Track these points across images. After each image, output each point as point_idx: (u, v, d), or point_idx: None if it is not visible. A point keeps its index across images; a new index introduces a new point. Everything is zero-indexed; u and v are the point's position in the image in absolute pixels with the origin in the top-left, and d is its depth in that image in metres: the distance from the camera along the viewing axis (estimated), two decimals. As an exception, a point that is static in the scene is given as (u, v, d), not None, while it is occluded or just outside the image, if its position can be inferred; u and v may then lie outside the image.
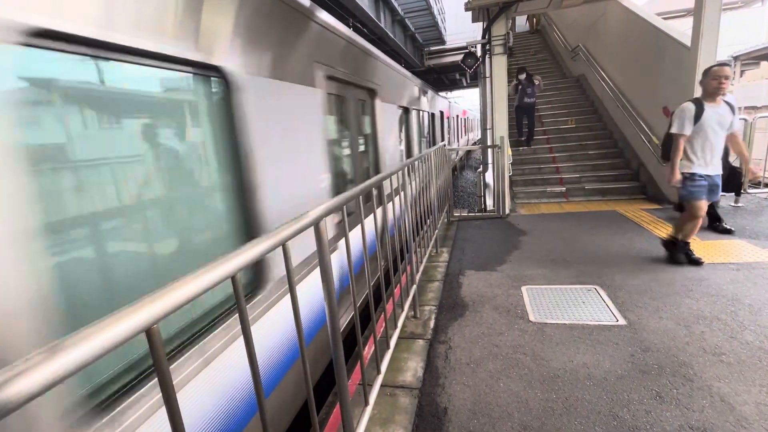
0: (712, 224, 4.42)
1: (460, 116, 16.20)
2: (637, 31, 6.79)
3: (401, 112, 5.35)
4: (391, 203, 2.52)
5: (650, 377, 2.09)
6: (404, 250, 2.79)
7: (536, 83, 7.78)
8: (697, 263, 3.48)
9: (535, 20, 14.91)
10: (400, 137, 5.39)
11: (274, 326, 1.93)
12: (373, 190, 1.93)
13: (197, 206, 1.67)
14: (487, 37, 5.84)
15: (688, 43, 5.26)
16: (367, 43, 3.77)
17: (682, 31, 5.67)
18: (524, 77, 7.65)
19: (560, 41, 11.81)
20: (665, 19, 6.76)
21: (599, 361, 2.27)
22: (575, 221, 5.23)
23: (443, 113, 10.33)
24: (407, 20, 10.57)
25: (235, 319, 1.64)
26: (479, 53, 6.54)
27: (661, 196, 6.00)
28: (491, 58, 5.81)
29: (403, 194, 2.68)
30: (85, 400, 1.09)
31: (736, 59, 18.96)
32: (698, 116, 3.22)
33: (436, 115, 8.98)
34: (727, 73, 3.21)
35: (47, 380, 0.48)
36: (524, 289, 3.29)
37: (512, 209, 6.12)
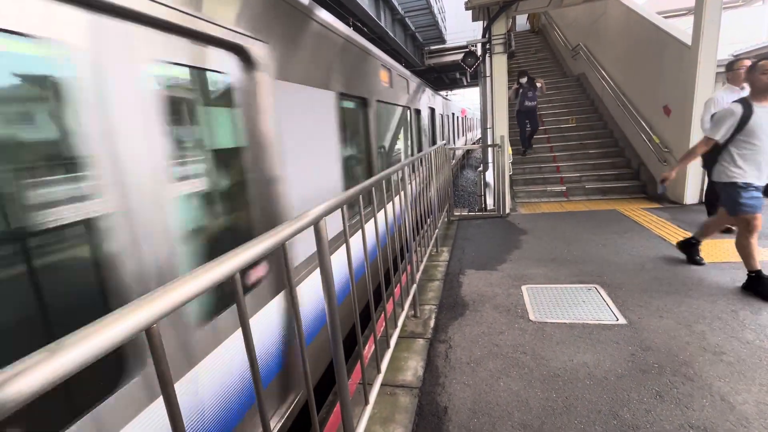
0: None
1: (458, 116, 14.83)
2: (637, 29, 6.78)
3: (336, 101, 2.83)
4: (391, 203, 2.52)
5: (650, 376, 2.09)
6: (404, 249, 2.79)
7: (539, 86, 7.49)
8: (699, 263, 3.48)
9: (535, 20, 14.82)
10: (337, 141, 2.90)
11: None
12: (373, 189, 1.93)
13: None
14: (487, 36, 5.84)
15: (688, 41, 5.26)
16: None
17: (682, 29, 5.67)
18: (525, 81, 7.38)
19: (560, 40, 11.79)
20: (666, 17, 6.74)
21: (599, 360, 2.27)
22: (576, 220, 5.22)
23: (434, 110, 8.30)
24: (407, 19, 10.58)
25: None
26: (479, 52, 6.53)
27: (661, 195, 6.00)
28: (491, 57, 5.81)
29: (403, 193, 2.68)
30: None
31: (736, 58, 18.95)
32: (746, 119, 2.83)
33: (423, 112, 7.13)
34: None
35: (47, 380, 0.48)
36: (524, 288, 3.29)
37: (513, 208, 6.12)
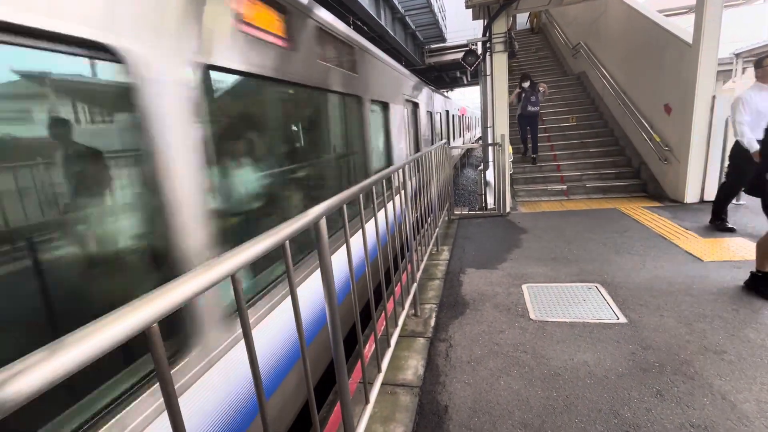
0: (714, 222, 4.41)
1: (457, 115, 14.03)
2: (638, 28, 6.76)
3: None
4: (391, 202, 2.52)
5: (651, 375, 2.09)
6: (405, 248, 2.79)
7: (541, 90, 7.14)
8: None
9: (536, 20, 14.74)
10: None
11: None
12: (373, 188, 1.92)
13: None
14: (487, 34, 5.82)
15: (689, 40, 5.24)
16: None
17: (683, 28, 5.65)
18: (528, 85, 7.10)
19: (561, 39, 11.77)
20: (666, 15, 6.72)
21: (600, 359, 2.27)
22: (576, 219, 5.22)
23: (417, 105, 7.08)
24: (407, 18, 10.56)
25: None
26: (480, 51, 6.51)
27: (662, 193, 6.00)
28: (492, 55, 5.79)
29: (403, 192, 2.68)
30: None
31: (737, 56, 18.89)
32: None
33: (420, 111, 6.45)
34: None
35: (47, 379, 0.48)
36: (525, 287, 3.29)
37: (513, 207, 6.12)
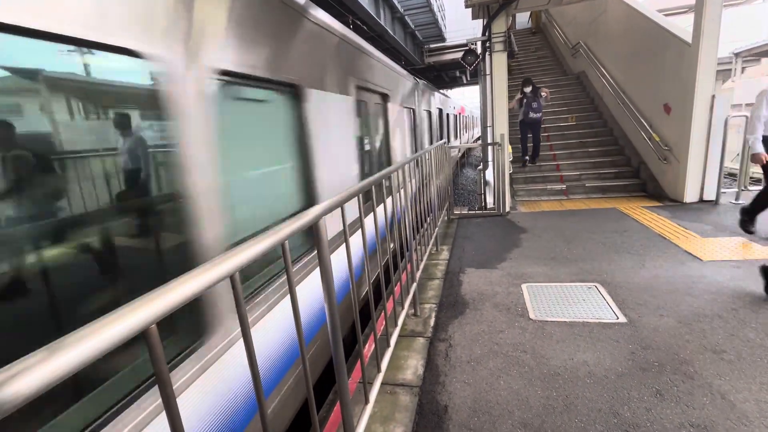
0: (745, 220, 4.00)
1: (458, 114, 13.13)
2: (637, 27, 6.76)
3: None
4: (390, 200, 2.52)
5: (651, 375, 2.09)
6: (404, 247, 2.78)
7: (543, 96, 6.93)
8: None
9: (538, 20, 14.72)
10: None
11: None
12: (373, 188, 1.92)
13: None
14: (487, 34, 5.82)
15: (689, 39, 5.24)
16: None
17: (683, 27, 5.65)
18: (530, 90, 6.89)
19: (561, 38, 11.77)
20: (666, 15, 6.72)
21: (600, 358, 2.27)
22: (576, 219, 5.22)
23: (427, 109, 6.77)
24: (407, 17, 10.54)
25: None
26: (479, 50, 6.51)
27: (661, 193, 6.00)
28: (491, 55, 5.79)
29: (403, 192, 2.68)
30: None
31: (737, 56, 18.91)
32: None
33: (418, 112, 5.80)
34: None
35: (45, 380, 0.48)
36: (524, 286, 3.29)
37: (512, 207, 6.12)
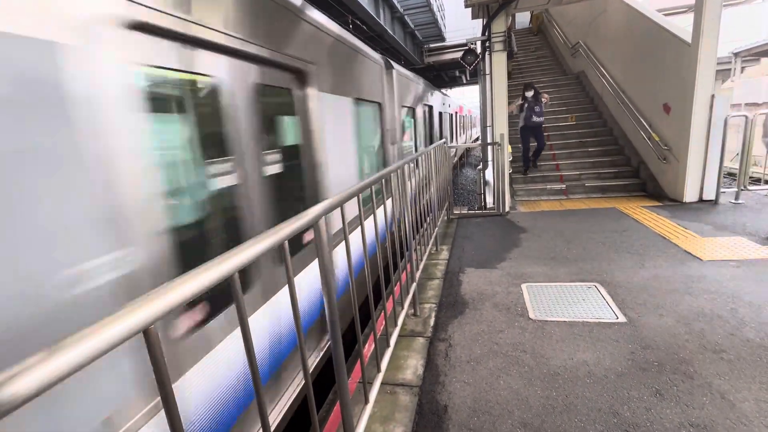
0: None
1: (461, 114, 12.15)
2: (637, 27, 6.77)
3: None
4: (390, 200, 2.53)
5: (650, 374, 2.10)
6: (404, 247, 2.78)
7: (543, 101, 6.75)
8: None
9: (538, 21, 14.66)
10: None
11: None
12: (372, 188, 1.92)
13: None
14: (486, 33, 5.82)
15: (688, 39, 5.24)
16: None
17: (682, 27, 5.65)
18: (532, 94, 6.70)
19: (560, 38, 11.77)
20: (666, 15, 6.72)
21: (599, 358, 2.27)
22: (575, 218, 5.22)
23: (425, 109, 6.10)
24: (407, 17, 10.53)
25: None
26: (479, 50, 6.51)
27: (661, 193, 6.00)
28: (491, 55, 5.79)
29: (402, 191, 2.68)
30: None
31: (736, 55, 18.91)
32: None
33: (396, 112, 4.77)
34: None
35: (45, 381, 0.48)
36: (524, 286, 3.29)
37: (512, 207, 6.12)
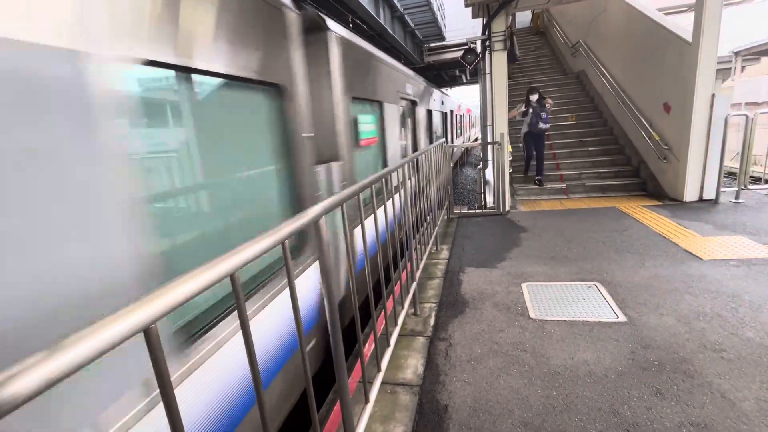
0: None
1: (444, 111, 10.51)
2: (637, 26, 6.76)
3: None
4: (391, 200, 2.52)
5: (650, 374, 2.10)
6: (404, 247, 2.78)
7: (547, 107, 6.56)
8: None
9: (539, 21, 14.64)
10: None
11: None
12: (372, 187, 1.92)
13: None
14: (487, 33, 5.81)
15: (689, 38, 5.24)
16: None
17: (683, 26, 5.65)
18: (536, 98, 6.48)
19: (560, 37, 11.76)
20: (666, 14, 6.72)
21: (600, 358, 2.27)
22: (575, 218, 5.22)
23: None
24: (407, 16, 10.51)
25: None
26: (479, 49, 6.51)
27: (661, 192, 6.00)
28: (491, 54, 5.79)
29: (403, 191, 2.68)
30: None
31: (736, 55, 18.88)
32: None
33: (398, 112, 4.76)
34: None
35: (45, 381, 0.48)
36: (524, 285, 3.29)
37: (512, 206, 6.11)
